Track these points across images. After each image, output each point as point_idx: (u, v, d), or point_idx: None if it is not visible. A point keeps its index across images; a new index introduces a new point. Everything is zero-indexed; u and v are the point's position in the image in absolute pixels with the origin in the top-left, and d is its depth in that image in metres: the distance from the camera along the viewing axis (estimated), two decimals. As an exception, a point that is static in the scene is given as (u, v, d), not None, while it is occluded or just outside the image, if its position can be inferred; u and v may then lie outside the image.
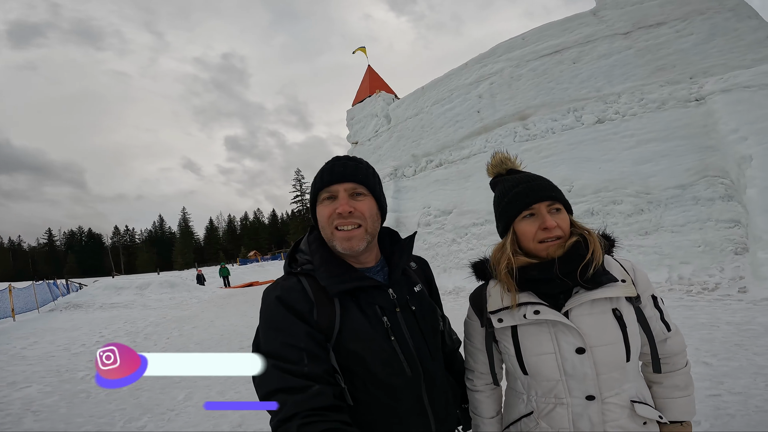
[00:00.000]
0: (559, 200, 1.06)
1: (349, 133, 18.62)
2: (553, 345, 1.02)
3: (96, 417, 4.11)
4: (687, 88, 9.00)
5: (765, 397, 2.88)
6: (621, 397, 1.01)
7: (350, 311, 0.97)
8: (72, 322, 11.39)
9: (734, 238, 7.31)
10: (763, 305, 5.27)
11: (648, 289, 1.08)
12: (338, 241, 0.99)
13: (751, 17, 9.29)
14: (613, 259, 1.10)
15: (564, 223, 1.04)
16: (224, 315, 11.10)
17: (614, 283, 1.02)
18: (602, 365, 0.99)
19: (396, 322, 1.02)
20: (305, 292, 0.97)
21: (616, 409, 1.00)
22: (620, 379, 1.01)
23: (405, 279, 1.13)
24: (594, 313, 1.00)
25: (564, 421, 1.02)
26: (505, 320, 1.08)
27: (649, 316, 1.06)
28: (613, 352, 0.99)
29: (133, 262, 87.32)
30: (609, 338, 0.99)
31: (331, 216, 0.99)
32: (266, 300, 0.98)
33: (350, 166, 1.02)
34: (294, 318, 0.92)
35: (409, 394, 1.00)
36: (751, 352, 3.75)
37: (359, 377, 0.96)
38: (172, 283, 18.68)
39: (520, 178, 1.11)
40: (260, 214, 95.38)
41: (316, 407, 0.82)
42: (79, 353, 7.29)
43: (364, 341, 0.96)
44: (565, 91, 10.75)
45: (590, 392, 1.00)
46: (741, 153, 7.20)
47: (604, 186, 9.06)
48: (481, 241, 10.93)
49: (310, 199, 1.08)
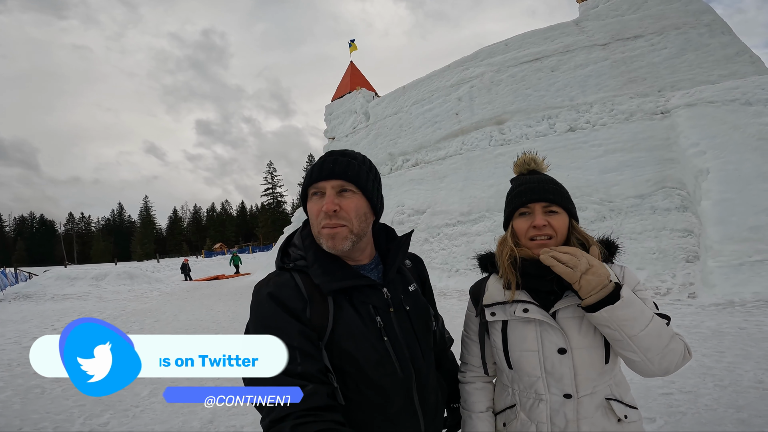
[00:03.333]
0: (556, 203, 1.09)
1: (327, 128, 18.45)
2: (537, 343, 1.06)
3: (53, 414, 3.87)
4: (654, 101, 9.47)
5: (713, 396, 3.11)
6: (596, 396, 1.05)
7: (344, 310, 0.96)
8: (21, 314, 10.68)
9: (687, 247, 7.80)
10: (710, 310, 5.67)
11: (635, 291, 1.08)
12: (324, 239, 0.97)
13: (725, 33, 9.81)
14: (607, 266, 1.11)
15: (558, 225, 1.08)
16: (188, 308, 10.74)
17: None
18: (581, 366, 1.04)
19: (389, 322, 1.01)
20: (298, 288, 0.95)
21: (591, 408, 1.05)
22: (596, 380, 1.05)
23: (400, 278, 1.12)
24: (579, 316, 1.04)
25: (542, 416, 1.07)
26: (497, 314, 1.12)
27: None
28: (593, 355, 1.04)
29: (88, 252, 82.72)
30: (590, 341, 1.03)
31: (318, 213, 0.97)
32: (258, 296, 0.95)
33: (341, 162, 0.99)
34: (287, 316, 0.90)
35: (400, 394, 0.99)
36: (700, 354, 4.02)
37: (351, 377, 0.94)
38: (132, 274, 17.89)
39: (529, 179, 1.15)
40: (228, 205, 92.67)
41: (309, 407, 0.80)
42: (31, 347, 6.87)
43: (357, 341, 0.94)
44: (541, 99, 11.10)
45: (567, 391, 1.04)
46: (699, 166, 7.64)
47: (571, 192, 9.19)
48: (453, 242, 11.13)
49: (301, 193, 1.05)
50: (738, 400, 2.99)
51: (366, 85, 18.44)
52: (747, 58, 9.62)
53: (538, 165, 1.22)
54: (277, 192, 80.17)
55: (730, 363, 3.70)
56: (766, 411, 2.78)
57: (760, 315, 5.06)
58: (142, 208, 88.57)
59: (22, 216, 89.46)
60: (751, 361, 3.67)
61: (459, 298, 8.86)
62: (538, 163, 1.22)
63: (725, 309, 5.57)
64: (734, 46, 9.76)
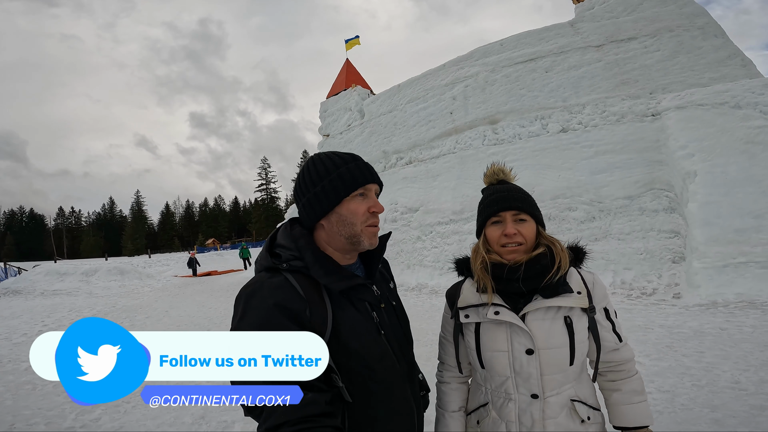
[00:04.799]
0: (525, 211, 1.16)
1: (321, 125, 18.41)
2: (507, 344, 1.12)
3: (45, 409, 3.89)
4: (646, 103, 9.58)
5: (690, 396, 3.19)
6: (561, 397, 1.12)
7: (345, 309, 0.97)
8: (11, 310, 10.59)
9: (673, 248, 7.95)
10: (693, 310, 5.80)
11: (602, 302, 1.18)
12: (367, 237, 1.02)
13: (717, 36, 9.90)
14: (577, 271, 1.19)
15: (527, 232, 1.15)
16: (179, 305, 10.71)
17: (569, 294, 1.13)
18: (547, 366, 1.10)
19: (383, 318, 1.05)
20: (295, 290, 0.93)
21: (556, 408, 1.11)
22: (562, 381, 1.12)
23: (380, 276, 1.17)
24: (547, 318, 1.11)
25: (511, 415, 1.13)
26: (470, 317, 1.19)
27: (601, 326, 1.16)
28: (558, 356, 1.10)
29: (78, 247, 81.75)
30: (556, 343, 1.10)
31: (364, 213, 1.02)
32: (252, 302, 0.92)
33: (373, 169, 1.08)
34: (286, 321, 0.88)
35: (400, 386, 1.03)
36: (680, 354, 4.13)
37: (359, 374, 0.95)
38: (122, 269, 17.75)
39: (499, 188, 1.22)
40: (221, 200, 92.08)
41: (307, 415, 0.80)
42: (21, 343, 6.82)
43: (362, 338, 0.97)
44: (534, 99, 11.18)
45: (534, 391, 1.11)
46: (686, 169, 7.76)
47: (561, 193, 9.54)
48: (445, 240, 11.20)
49: (333, 190, 1.00)
50: (714, 400, 3.08)
51: (361, 82, 18.42)
52: (738, 61, 9.75)
53: (507, 175, 1.29)
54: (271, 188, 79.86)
55: (709, 363, 3.79)
56: (740, 411, 2.86)
57: (742, 316, 5.19)
58: (133, 203, 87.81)
59: (11, 210, 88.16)
60: (730, 362, 3.77)
61: (450, 296, 8.95)
62: (507, 174, 1.29)
63: (708, 310, 5.70)
64: (726, 49, 9.88)
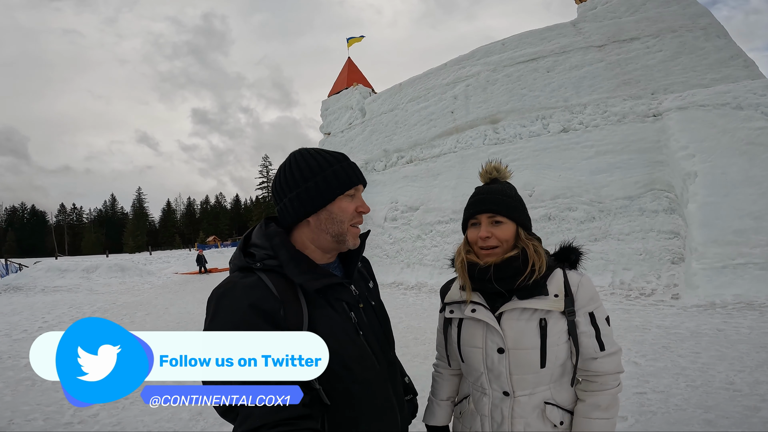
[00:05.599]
0: (500, 214, 1.16)
1: (323, 124, 18.41)
2: (483, 341, 1.15)
3: (43, 405, 3.92)
4: (647, 103, 9.55)
5: (684, 397, 3.20)
6: (534, 398, 1.12)
7: (321, 308, 0.95)
8: (11, 306, 10.62)
9: (672, 249, 7.95)
10: (691, 311, 5.81)
11: (588, 306, 1.14)
12: (351, 237, 1.03)
13: (720, 37, 9.85)
14: (563, 273, 1.17)
15: (502, 235, 1.15)
16: (179, 301, 10.77)
17: (544, 297, 1.12)
18: (516, 366, 1.11)
19: (361, 318, 1.04)
20: (269, 290, 0.91)
21: (527, 408, 1.12)
22: (534, 382, 1.12)
23: (359, 276, 1.16)
24: (521, 319, 1.12)
25: (485, 410, 1.17)
26: (455, 312, 1.23)
27: (581, 332, 1.12)
28: (528, 357, 1.10)
29: (78, 243, 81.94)
30: (527, 344, 1.10)
31: (353, 212, 1.02)
32: (223, 301, 0.90)
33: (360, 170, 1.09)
34: (260, 321, 0.86)
35: (381, 386, 1.02)
36: (676, 354, 4.14)
37: (337, 375, 0.93)
38: (123, 266, 17.78)
39: (481, 189, 1.23)
40: (222, 198, 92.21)
41: (283, 417, 0.79)
42: (21, 339, 6.86)
43: (339, 338, 0.94)
44: (536, 99, 11.16)
45: (505, 388, 1.13)
46: (687, 169, 7.76)
47: (561, 193, 9.54)
48: (445, 239, 11.22)
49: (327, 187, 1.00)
50: (708, 400, 3.08)
51: (363, 81, 18.39)
52: (741, 62, 9.72)
53: (501, 173, 1.28)
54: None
55: (705, 364, 3.80)
56: (733, 412, 2.87)
57: (739, 317, 5.19)
58: (135, 200, 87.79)
59: (13, 206, 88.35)
60: (725, 363, 3.78)
61: (449, 295, 8.96)
62: (501, 171, 1.28)
63: (706, 310, 5.71)
64: (729, 49, 9.84)
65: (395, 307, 8.23)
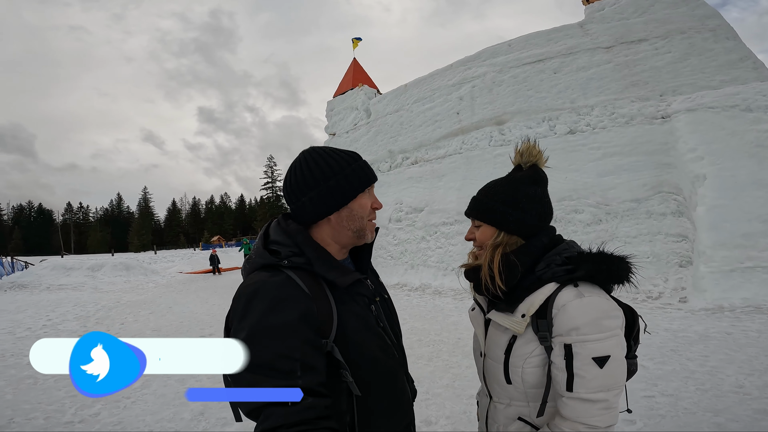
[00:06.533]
0: (476, 218, 1.15)
1: (328, 124, 18.43)
2: (477, 341, 1.22)
3: (44, 404, 3.91)
4: (655, 105, 9.46)
5: (693, 400, 3.16)
6: (510, 410, 1.07)
7: (347, 304, 0.98)
8: (16, 304, 10.69)
9: (680, 252, 7.85)
10: (699, 315, 5.72)
11: (565, 336, 0.94)
12: (369, 232, 1.07)
13: (729, 38, 9.74)
14: (552, 290, 0.99)
15: (481, 238, 1.13)
16: (183, 301, 10.78)
17: (508, 314, 1.03)
18: (488, 374, 1.13)
19: (378, 310, 1.09)
20: (300, 287, 0.92)
21: (502, 417, 1.10)
22: (504, 394, 1.07)
23: (370, 271, 1.20)
24: (498, 329, 1.09)
25: (483, 407, 1.20)
26: (476, 308, 1.25)
27: (552, 362, 0.97)
28: (495, 368, 1.08)
29: (84, 242, 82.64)
30: (494, 355, 1.09)
31: (370, 208, 1.07)
32: (255, 302, 0.89)
33: None
34: (292, 322, 0.86)
35: (399, 376, 1.08)
36: (685, 357, 4.09)
37: (365, 367, 0.96)
38: (128, 265, 17.88)
39: (485, 186, 1.20)
40: (227, 198, 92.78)
41: (303, 419, 0.80)
42: (25, 337, 6.87)
43: (366, 330, 1.00)
44: (542, 100, 11.09)
45: (487, 391, 1.16)
46: (695, 172, 7.67)
47: (568, 195, 9.47)
48: (450, 241, 11.17)
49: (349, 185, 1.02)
50: (717, 404, 3.04)
51: (368, 81, 18.40)
52: (750, 63, 9.61)
53: (536, 158, 1.16)
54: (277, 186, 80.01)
55: (713, 367, 3.75)
56: (743, 415, 2.83)
57: (748, 321, 5.11)
58: (140, 199, 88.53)
59: (20, 205, 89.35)
60: (734, 366, 3.72)
61: (454, 296, 8.91)
62: (537, 156, 1.16)
63: (714, 314, 5.63)
64: (738, 51, 9.74)
65: (399, 308, 8.09)
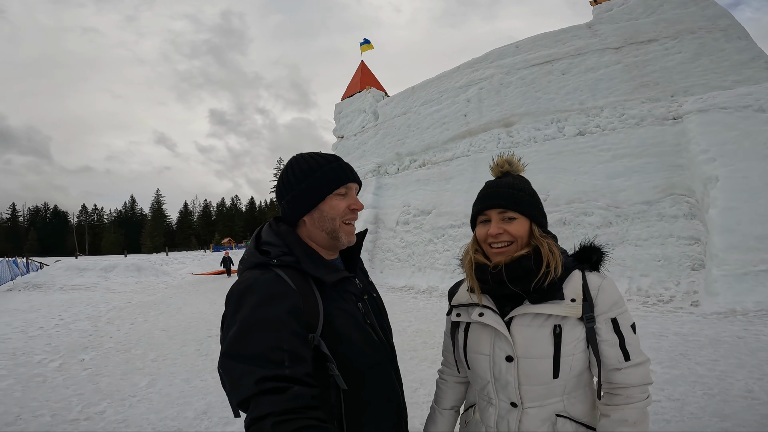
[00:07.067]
0: (511, 209, 1.07)
1: (336, 127, 18.52)
2: (490, 348, 1.07)
3: (52, 402, 3.98)
4: (666, 106, 9.31)
5: (700, 405, 3.08)
6: (544, 410, 1.03)
7: (335, 300, 1.01)
8: (30, 304, 10.93)
9: (693, 255, 7.70)
10: (711, 318, 5.60)
11: (610, 312, 1.03)
12: (344, 234, 1.08)
13: (741, 38, 9.56)
14: (583, 275, 1.07)
15: (515, 231, 1.07)
16: (192, 302, 10.90)
17: (559, 302, 1.02)
18: (525, 376, 1.02)
19: (366, 308, 1.11)
20: (288, 284, 0.96)
21: (536, 421, 1.02)
22: (544, 394, 1.02)
23: (360, 270, 1.23)
24: (533, 325, 1.02)
25: (491, 420, 1.08)
26: (462, 316, 1.15)
27: (602, 340, 1.02)
28: (539, 367, 1.01)
29: (98, 243, 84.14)
30: (538, 353, 1.01)
31: (344, 210, 1.07)
32: (246, 297, 0.93)
33: (354, 170, 1.14)
34: (280, 315, 0.90)
35: (387, 371, 1.09)
36: (694, 362, 3.99)
37: (352, 361, 0.99)
38: (140, 266, 18.16)
39: (490, 184, 1.15)
40: (238, 200, 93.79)
41: (292, 407, 0.81)
42: (36, 336, 7.01)
43: (352, 326, 1.02)
44: (550, 102, 11.00)
45: (513, 399, 1.04)
46: (708, 173, 7.53)
47: (577, 197, 9.35)
48: (458, 243, 11.11)
49: (317, 188, 1.05)
50: (724, 408, 2.97)
51: (376, 84, 18.45)
52: (762, 63, 9.41)
53: (513, 166, 1.18)
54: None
55: (723, 372, 3.66)
56: (750, 420, 2.75)
57: (760, 324, 4.98)
58: (153, 201, 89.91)
59: (36, 206, 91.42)
60: (744, 370, 3.63)
61: (460, 299, 8.85)
62: (513, 164, 1.18)
63: (726, 318, 5.49)
64: (750, 51, 9.55)
65: (405, 310, 8.17)
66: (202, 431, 3.29)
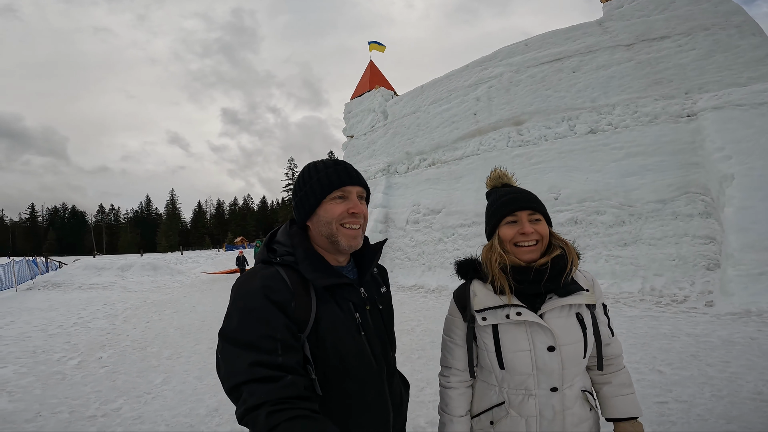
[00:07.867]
0: (539, 212, 1.22)
1: (346, 127, 18.60)
2: (529, 343, 1.16)
3: (71, 399, 4.11)
4: (681, 103, 9.13)
5: (707, 407, 3.04)
6: (574, 389, 1.20)
7: (328, 305, 1.03)
8: (49, 302, 11.24)
9: (708, 254, 7.55)
10: (725, 319, 5.49)
11: (601, 298, 1.28)
12: (343, 238, 1.07)
13: (755, 34, 9.34)
14: (579, 270, 1.27)
15: (543, 231, 1.20)
16: (206, 300, 11.09)
17: (581, 292, 1.20)
18: (567, 361, 1.16)
19: (365, 319, 1.11)
20: (285, 282, 1.00)
21: (572, 398, 1.19)
22: (576, 373, 1.20)
23: (372, 280, 1.22)
24: (562, 316, 1.18)
25: (532, 410, 1.18)
26: (488, 319, 1.20)
27: (600, 321, 1.25)
28: (576, 350, 1.17)
29: (115, 242, 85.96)
30: (573, 338, 1.17)
31: (341, 214, 1.07)
32: (244, 288, 0.98)
33: (357, 172, 1.14)
34: (274, 308, 0.93)
35: (374, 385, 1.08)
36: (705, 363, 3.94)
37: (333, 368, 1.00)
38: (155, 265, 18.51)
39: (510, 189, 1.27)
40: (250, 200, 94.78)
41: (285, 396, 0.83)
42: (56, 334, 7.23)
43: (340, 334, 1.02)
44: (561, 100, 10.88)
45: (554, 384, 1.17)
46: (723, 171, 7.38)
47: (589, 196, 9.24)
48: (467, 242, 11.08)
49: (312, 194, 1.08)
50: (732, 411, 2.93)
51: (385, 84, 18.46)
52: (778, 59, 9.18)
53: (509, 179, 1.36)
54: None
55: (733, 373, 3.61)
56: (757, 423, 2.72)
57: (776, 327, 4.88)
58: (168, 201, 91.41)
59: (54, 207, 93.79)
60: (755, 372, 3.57)
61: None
62: (509, 178, 1.36)
63: (740, 318, 5.39)
64: (765, 47, 9.29)
65: (415, 309, 8.19)
66: (213, 428, 3.37)
